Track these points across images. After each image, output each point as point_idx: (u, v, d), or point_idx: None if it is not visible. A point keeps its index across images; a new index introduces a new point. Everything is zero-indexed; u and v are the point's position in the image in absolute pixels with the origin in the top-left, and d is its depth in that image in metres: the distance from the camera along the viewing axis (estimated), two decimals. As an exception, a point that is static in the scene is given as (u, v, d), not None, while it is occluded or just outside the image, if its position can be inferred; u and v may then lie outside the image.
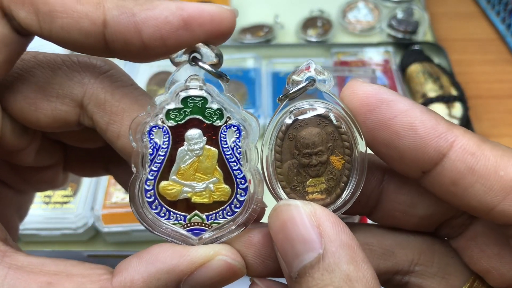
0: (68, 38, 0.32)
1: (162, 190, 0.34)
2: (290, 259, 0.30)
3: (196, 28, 0.32)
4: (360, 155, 0.34)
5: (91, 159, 0.48)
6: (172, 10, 0.32)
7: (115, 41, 0.32)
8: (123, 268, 0.32)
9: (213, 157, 0.34)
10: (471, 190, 0.30)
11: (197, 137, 0.34)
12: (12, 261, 0.30)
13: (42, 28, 0.31)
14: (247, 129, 0.34)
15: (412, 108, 0.31)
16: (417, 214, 0.36)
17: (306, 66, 0.35)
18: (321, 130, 0.34)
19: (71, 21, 0.31)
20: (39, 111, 0.36)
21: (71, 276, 0.31)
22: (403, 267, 0.37)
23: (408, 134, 0.31)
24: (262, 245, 0.35)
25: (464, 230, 0.36)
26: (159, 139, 0.34)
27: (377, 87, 0.32)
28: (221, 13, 0.32)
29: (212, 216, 0.35)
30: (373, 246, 0.37)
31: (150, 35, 0.31)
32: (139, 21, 0.31)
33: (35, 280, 0.30)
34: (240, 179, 0.34)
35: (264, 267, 0.35)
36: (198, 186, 0.34)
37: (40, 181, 0.45)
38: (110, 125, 0.36)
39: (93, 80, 0.37)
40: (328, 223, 0.30)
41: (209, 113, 0.34)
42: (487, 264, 0.34)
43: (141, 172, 0.34)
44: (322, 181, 0.34)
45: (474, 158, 0.30)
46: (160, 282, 0.31)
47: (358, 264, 0.29)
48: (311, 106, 0.34)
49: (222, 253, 0.33)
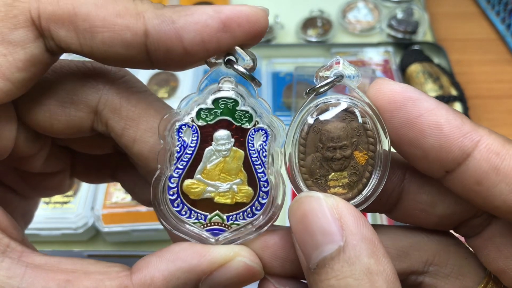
0: (109, 52, 0.32)
1: (186, 188, 0.34)
2: (309, 250, 0.30)
3: (235, 29, 0.32)
4: (384, 152, 0.34)
5: (98, 166, 0.48)
6: (210, 13, 0.32)
7: (157, 50, 0.32)
8: (143, 266, 0.32)
9: (240, 159, 0.35)
10: (495, 189, 0.30)
11: (225, 138, 0.34)
12: (29, 260, 0.30)
13: (82, 45, 0.32)
14: (274, 134, 0.34)
15: (438, 107, 0.31)
16: (437, 213, 0.36)
17: (335, 61, 0.35)
18: (346, 125, 0.34)
19: (112, 35, 0.31)
20: (54, 118, 0.36)
21: (88, 274, 0.31)
22: (418, 267, 0.37)
23: (434, 132, 0.31)
24: (278, 247, 0.35)
25: (482, 230, 0.36)
26: (188, 138, 0.34)
27: (404, 86, 0.33)
28: (256, 12, 0.33)
29: (232, 217, 0.35)
30: (388, 248, 0.37)
31: (191, 40, 0.32)
32: (179, 27, 0.31)
33: (53, 278, 0.30)
34: (263, 182, 0.35)
35: (281, 269, 0.35)
36: (222, 187, 0.35)
37: (47, 187, 0.45)
38: (125, 130, 0.36)
39: (108, 86, 0.37)
40: (350, 216, 0.30)
41: (239, 115, 0.34)
42: (503, 264, 0.34)
43: (166, 169, 0.34)
44: (344, 176, 0.34)
45: (499, 158, 0.30)
46: (180, 280, 0.31)
47: (379, 258, 0.29)
48: (337, 100, 0.34)
49: (242, 254, 0.33)
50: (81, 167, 0.47)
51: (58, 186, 0.46)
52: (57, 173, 0.45)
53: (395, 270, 0.30)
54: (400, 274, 0.37)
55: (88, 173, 0.48)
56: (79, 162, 0.47)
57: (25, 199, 0.46)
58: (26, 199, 0.46)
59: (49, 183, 0.45)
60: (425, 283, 0.37)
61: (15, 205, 0.45)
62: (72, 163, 0.46)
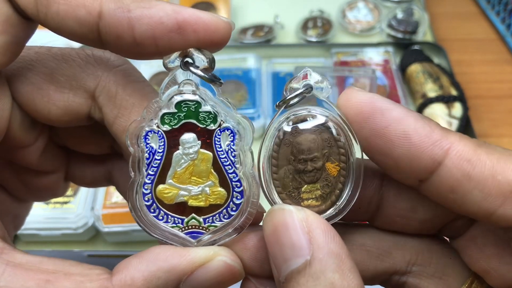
0: (62, 24, 0.32)
1: (159, 194, 0.34)
2: (279, 263, 0.30)
3: (189, 33, 0.32)
4: (356, 162, 0.34)
5: (93, 168, 0.48)
6: (167, 12, 0.32)
7: (108, 33, 0.32)
8: (123, 267, 0.32)
9: (208, 161, 0.34)
10: (469, 196, 0.30)
11: (191, 141, 0.34)
12: (9, 258, 0.30)
13: (38, 11, 0.32)
14: (240, 132, 0.34)
15: (406, 116, 0.31)
16: (418, 218, 0.36)
17: (303, 74, 0.35)
18: (317, 136, 0.34)
19: (67, 8, 0.31)
20: (52, 103, 0.37)
21: (69, 275, 0.30)
22: (401, 267, 0.37)
23: (402, 142, 0.31)
24: (257, 249, 0.35)
25: (465, 231, 0.36)
26: (155, 144, 0.34)
27: (372, 96, 0.32)
28: (217, 22, 0.33)
29: (209, 219, 0.35)
30: (370, 247, 0.37)
31: (142, 33, 0.32)
32: (133, 17, 0.32)
33: (33, 278, 0.29)
34: (235, 182, 0.34)
35: (260, 270, 0.35)
36: (194, 190, 0.35)
37: (41, 187, 0.45)
38: (117, 119, 0.37)
39: (107, 73, 0.37)
40: (319, 230, 0.30)
41: (203, 117, 0.34)
42: (486, 265, 0.34)
43: (138, 176, 0.34)
44: (317, 188, 0.34)
45: (470, 165, 0.30)
46: (161, 281, 0.31)
47: (344, 273, 0.29)
48: (308, 112, 0.34)
49: (222, 254, 0.33)
50: (77, 169, 0.47)
51: (53, 188, 0.46)
52: (52, 172, 0.45)
53: (363, 285, 0.30)
54: (382, 274, 0.37)
55: (83, 176, 0.48)
56: (74, 164, 0.47)
57: (18, 202, 0.46)
58: (19, 202, 0.46)
59: (43, 182, 0.45)
60: (408, 283, 0.37)
61: (6, 207, 0.45)
62: (67, 166, 0.46)
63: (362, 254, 0.37)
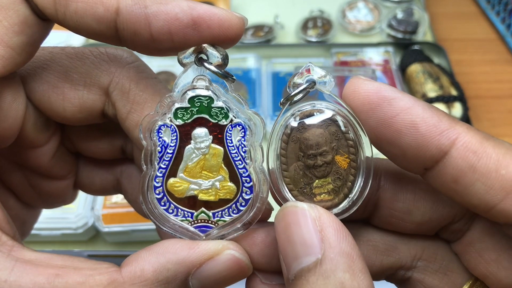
0: (81, 22, 0.32)
1: (170, 187, 0.35)
2: (290, 260, 0.30)
3: (204, 29, 0.33)
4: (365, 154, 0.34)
5: (102, 176, 0.48)
6: (183, 8, 0.32)
7: (125, 29, 0.33)
8: (132, 260, 0.32)
9: (219, 156, 0.35)
10: (472, 188, 0.30)
11: (203, 136, 0.35)
12: (19, 255, 0.30)
13: (57, 11, 0.32)
14: (251, 128, 0.34)
15: (414, 106, 0.31)
16: (414, 220, 0.36)
17: (306, 68, 0.35)
18: (324, 130, 0.34)
19: (85, 6, 0.32)
20: (67, 100, 0.37)
21: (78, 269, 0.31)
22: (406, 262, 0.37)
23: (410, 132, 0.31)
24: (265, 244, 0.35)
25: (462, 235, 0.36)
26: (168, 138, 0.35)
27: (379, 85, 0.32)
28: (230, 18, 0.33)
29: (218, 214, 0.35)
30: (377, 242, 0.37)
31: (158, 29, 0.32)
32: (150, 13, 0.32)
33: (42, 272, 0.30)
34: (245, 178, 0.35)
35: (268, 266, 0.35)
36: (204, 184, 0.35)
37: (50, 193, 0.45)
38: (130, 114, 0.37)
39: (120, 70, 0.38)
40: (331, 229, 0.30)
41: (215, 112, 0.35)
42: (485, 270, 0.34)
43: (150, 169, 0.35)
44: (328, 182, 0.34)
45: (476, 156, 0.30)
46: (170, 272, 0.31)
47: (354, 273, 0.29)
48: (313, 107, 0.34)
49: (231, 247, 0.33)
50: (85, 177, 0.47)
51: (62, 195, 0.46)
52: (62, 178, 0.45)
53: (373, 286, 0.29)
54: (388, 269, 0.37)
55: (92, 183, 0.48)
56: (83, 171, 0.47)
57: (27, 208, 0.46)
58: (28, 209, 0.46)
59: (53, 188, 0.45)
60: (413, 278, 0.37)
61: (16, 212, 0.45)
62: (76, 173, 0.47)
63: (369, 249, 0.37)
